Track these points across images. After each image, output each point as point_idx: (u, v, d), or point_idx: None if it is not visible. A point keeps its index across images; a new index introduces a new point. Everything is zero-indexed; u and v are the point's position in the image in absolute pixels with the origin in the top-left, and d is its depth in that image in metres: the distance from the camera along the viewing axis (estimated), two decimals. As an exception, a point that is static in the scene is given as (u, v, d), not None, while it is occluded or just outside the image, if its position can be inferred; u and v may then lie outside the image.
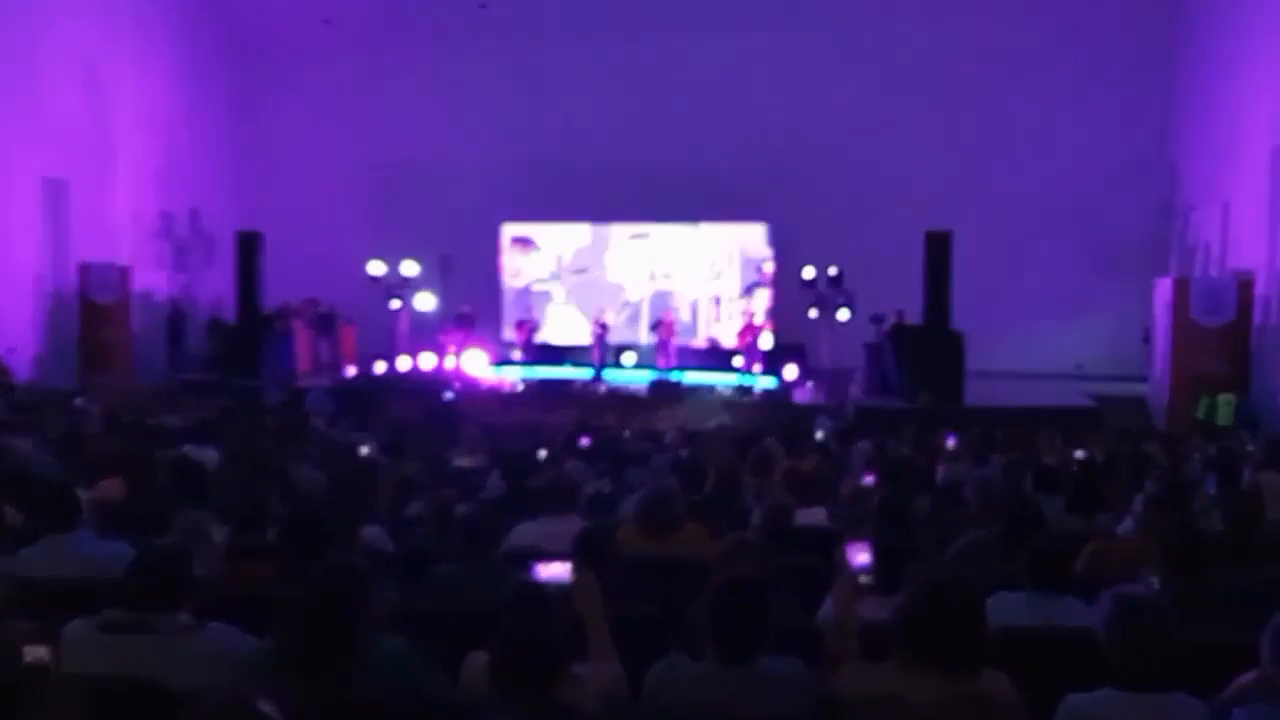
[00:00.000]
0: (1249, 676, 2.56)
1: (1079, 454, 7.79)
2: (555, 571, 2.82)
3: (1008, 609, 3.27)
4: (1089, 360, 16.53)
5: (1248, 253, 13.42)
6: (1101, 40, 16.64)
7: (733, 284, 17.90)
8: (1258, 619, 2.61)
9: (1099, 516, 4.88)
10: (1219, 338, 12.86)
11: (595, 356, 16.06)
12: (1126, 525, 4.93)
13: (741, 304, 17.36)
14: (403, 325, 17.14)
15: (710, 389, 14.89)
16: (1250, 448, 8.21)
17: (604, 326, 16.23)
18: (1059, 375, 15.90)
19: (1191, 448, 8.88)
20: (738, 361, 15.87)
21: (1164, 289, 13.74)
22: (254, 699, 1.84)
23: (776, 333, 17.27)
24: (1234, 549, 4.22)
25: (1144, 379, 14.97)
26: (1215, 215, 14.65)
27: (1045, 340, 16.54)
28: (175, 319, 16.67)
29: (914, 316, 14.07)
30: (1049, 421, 10.83)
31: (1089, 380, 15.53)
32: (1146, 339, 14.85)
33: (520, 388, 15.24)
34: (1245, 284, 12.97)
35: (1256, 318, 12.79)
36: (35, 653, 2.12)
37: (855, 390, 14.45)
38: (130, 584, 2.82)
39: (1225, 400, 12.20)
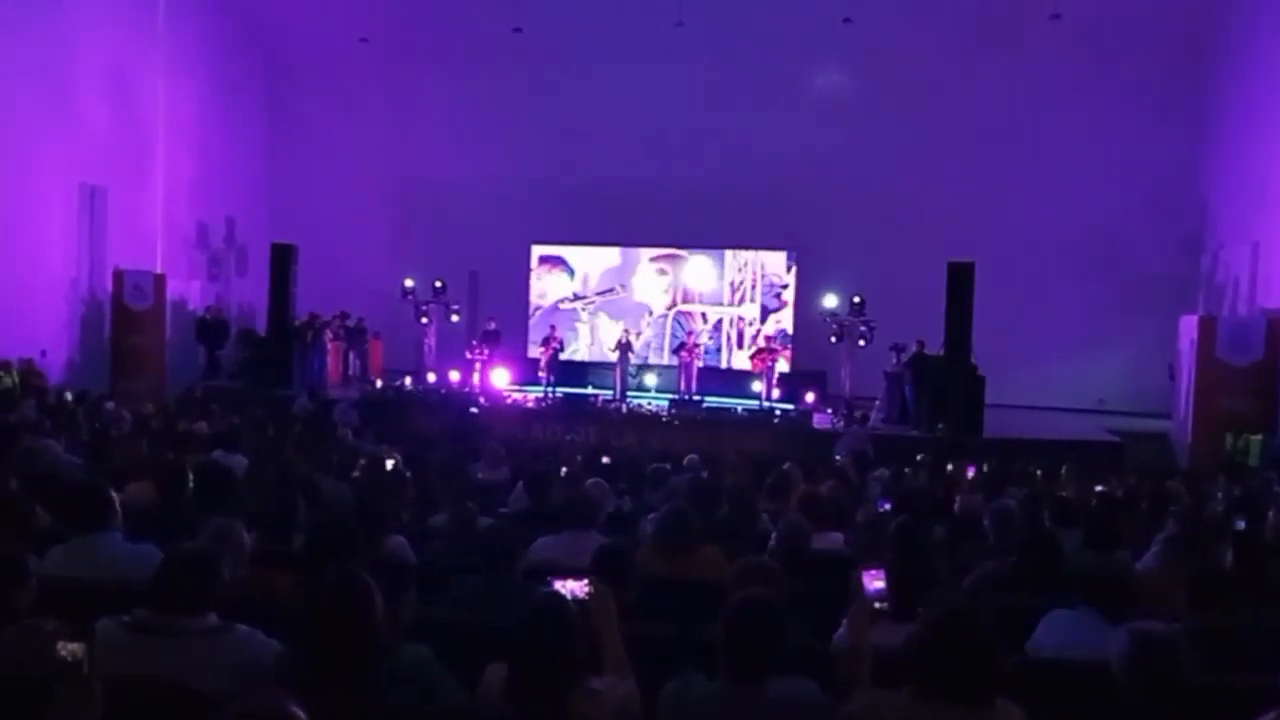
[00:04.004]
0: (1268, 717, 2.52)
1: (1099, 488, 7.75)
2: (573, 587, 2.86)
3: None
4: (1112, 396, 16.40)
5: (1278, 291, 13.31)
6: (1130, 74, 16.60)
7: (756, 309, 17.98)
8: (1277, 661, 2.60)
9: (1116, 552, 4.85)
10: (1246, 376, 12.75)
11: (618, 376, 16.13)
12: (1146, 561, 4.90)
13: (763, 329, 17.45)
14: (430, 340, 17.31)
15: (731, 411, 14.91)
16: (1278, 488, 8.15)
17: (627, 347, 16.32)
18: (1080, 410, 15.79)
19: (1215, 486, 8.81)
20: (757, 386, 15.90)
21: (1190, 326, 13.64)
22: (287, 703, 1.88)
23: (797, 359, 17.30)
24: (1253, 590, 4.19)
25: (1168, 416, 14.84)
26: (1245, 253, 14.55)
27: (1067, 374, 16.45)
28: (214, 327, 16.89)
29: (935, 346, 14.05)
30: (1070, 455, 10.77)
31: (1112, 416, 15.41)
32: (1172, 375, 14.73)
33: (544, 405, 15.31)
34: (1275, 323, 12.86)
35: (1286, 357, 12.67)
36: (70, 649, 2.16)
37: (874, 418, 14.41)
38: (158, 586, 2.85)
39: (1256, 440, 12.09)
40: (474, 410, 14.15)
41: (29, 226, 13.80)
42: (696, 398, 15.40)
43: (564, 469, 7.51)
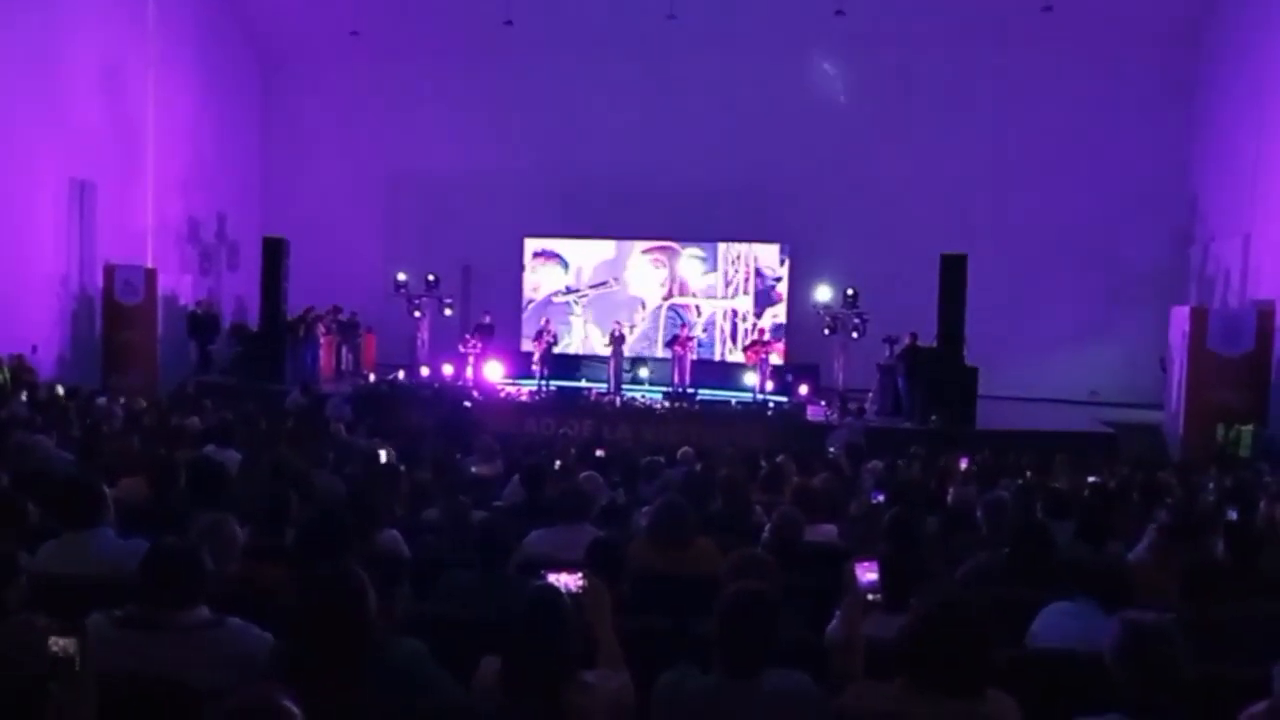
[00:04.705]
0: (1259, 707, 2.54)
1: (1091, 480, 7.77)
2: (567, 580, 2.85)
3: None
4: (1104, 387, 16.47)
5: (1268, 283, 13.36)
6: (1122, 68, 16.64)
7: (749, 302, 17.99)
8: (1268, 651, 2.61)
9: (1108, 544, 4.87)
10: (1237, 368, 12.80)
11: (611, 369, 16.13)
12: (1138, 552, 4.92)
13: (757, 322, 17.47)
14: (423, 334, 17.29)
15: (725, 404, 14.93)
16: (1269, 479, 8.18)
17: (621, 340, 16.32)
18: (1073, 401, 15.85)
19: (1207, 477, 8.85)
20: (751, 379, 15.92)
21: (1181, 318, 13.68)
22: (280, 698, 1.87)
23: (791, 352, 17.32)
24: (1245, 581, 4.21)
25: (1160, 407, 14.89)
26: (1236, 246, 14.60)
27: (1060, 366, 16.51)
28: (206, 322, 16.83)
29: (928, 339, 14.08)
30: (1063, 447, 10.81)
31: (1104, 407, 15.47)
32: (1164, 367, 14.78)
33: (537, 398, 15.31)
34: (1265, 314, 12.91)
35: (1277, 349, 12.71)
36: (61, 645, 2.15)
37: (867, 410, 14.45)
38: (144, 580, 2.83)
39: (1247, 430, 12.14)
40: (467, 404, 14.13)
41: (19, 222, 13.72)
42: (690, 391, 15.41)
43: (558, 462, 7.51)
